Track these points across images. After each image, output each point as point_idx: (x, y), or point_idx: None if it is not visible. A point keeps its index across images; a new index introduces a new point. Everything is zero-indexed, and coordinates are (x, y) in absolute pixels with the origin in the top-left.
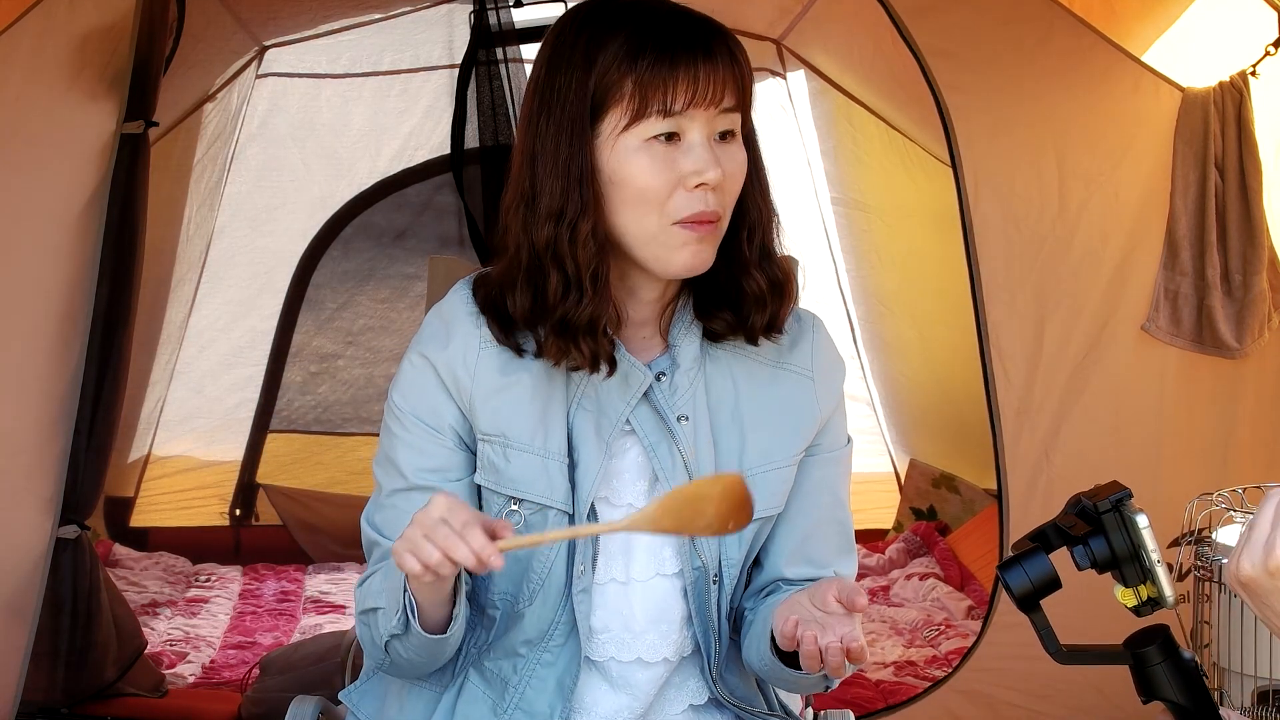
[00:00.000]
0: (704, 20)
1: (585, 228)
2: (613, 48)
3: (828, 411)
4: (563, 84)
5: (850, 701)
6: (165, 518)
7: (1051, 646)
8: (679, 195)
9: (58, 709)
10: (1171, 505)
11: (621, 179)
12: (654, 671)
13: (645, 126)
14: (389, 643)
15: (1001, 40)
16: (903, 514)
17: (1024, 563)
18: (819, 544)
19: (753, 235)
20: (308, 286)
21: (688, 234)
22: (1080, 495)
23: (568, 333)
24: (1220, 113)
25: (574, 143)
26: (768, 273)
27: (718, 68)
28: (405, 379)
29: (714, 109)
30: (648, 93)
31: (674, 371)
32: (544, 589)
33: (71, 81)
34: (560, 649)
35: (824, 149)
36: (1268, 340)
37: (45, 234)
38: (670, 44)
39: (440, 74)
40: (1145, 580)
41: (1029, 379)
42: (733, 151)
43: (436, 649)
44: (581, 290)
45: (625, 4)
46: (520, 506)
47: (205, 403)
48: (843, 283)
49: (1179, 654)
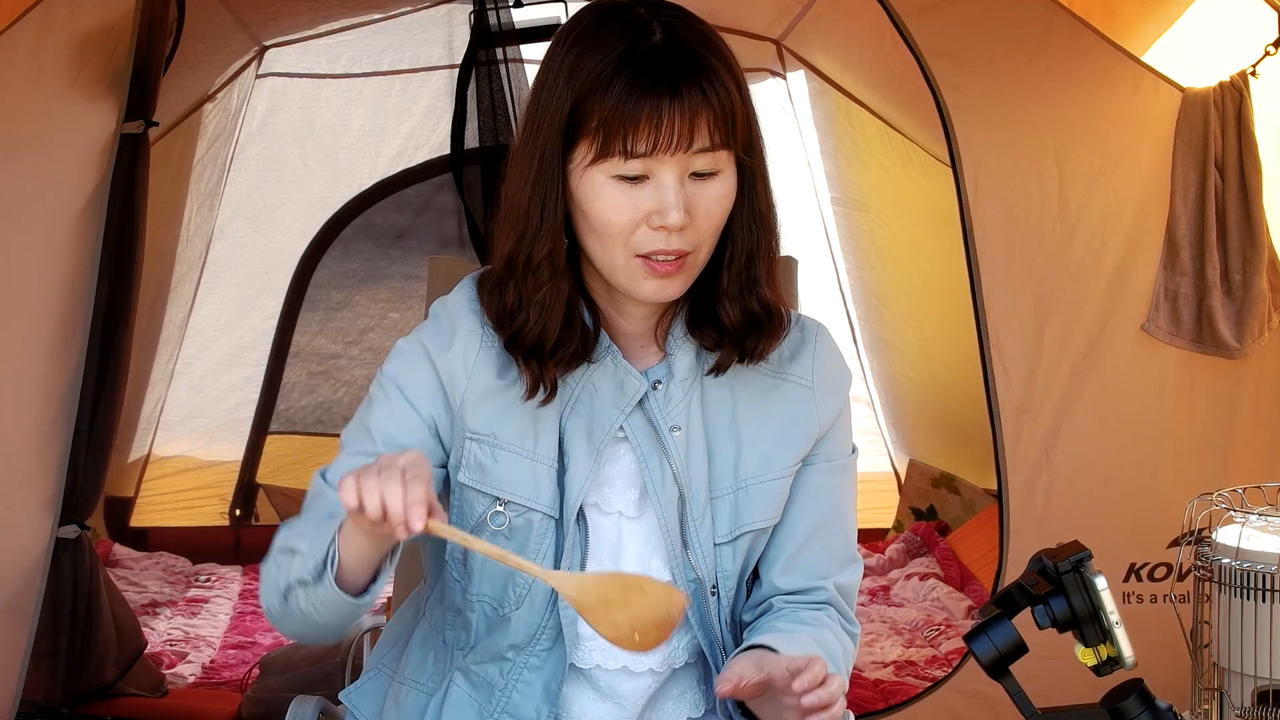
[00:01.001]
0: (686, 51)
1: (540, 252)
2: (589, 70)
3: (827, 422)
4: (546, 98)
5: (850, 701)
6: (165, 518)
7: (1027, 710)
8: (642, 231)
9: (58, 709)
10: (1171, 505)
11: (588, 210)
12: (640, 682)
13: (610, 165)
14: (292, 588)
15: (1001, 40)
16: (903, 514)
17: (989, 631)
18: (814, 555)
19: (733, 264)
20: (308, 286)
21: (650, 270)
22: (1042, 553)
23: (515, 349)
24: (1220, 113)
25: (545, 163)
26: (745, 306)
27: (685, 109)
28: (403, 358)
29: (684, 152)
30: (611, 132)
31: (669, 381)
32: (531, 594)
33: (71, 81)
34: (547, 654)
35: (824, 149)
36: (1268, 340)
37: (45, 234)
38: (639, 82)
39: (440, 74)
40: (1105, 640)
41: (1029, 379)
42: (710, 187)
43: (339, 610)
44: (528, 314)
45: (624, 20)
46: (505, 508)
47: (205, 403)
48: (843, 283)
49: (1155, 704)
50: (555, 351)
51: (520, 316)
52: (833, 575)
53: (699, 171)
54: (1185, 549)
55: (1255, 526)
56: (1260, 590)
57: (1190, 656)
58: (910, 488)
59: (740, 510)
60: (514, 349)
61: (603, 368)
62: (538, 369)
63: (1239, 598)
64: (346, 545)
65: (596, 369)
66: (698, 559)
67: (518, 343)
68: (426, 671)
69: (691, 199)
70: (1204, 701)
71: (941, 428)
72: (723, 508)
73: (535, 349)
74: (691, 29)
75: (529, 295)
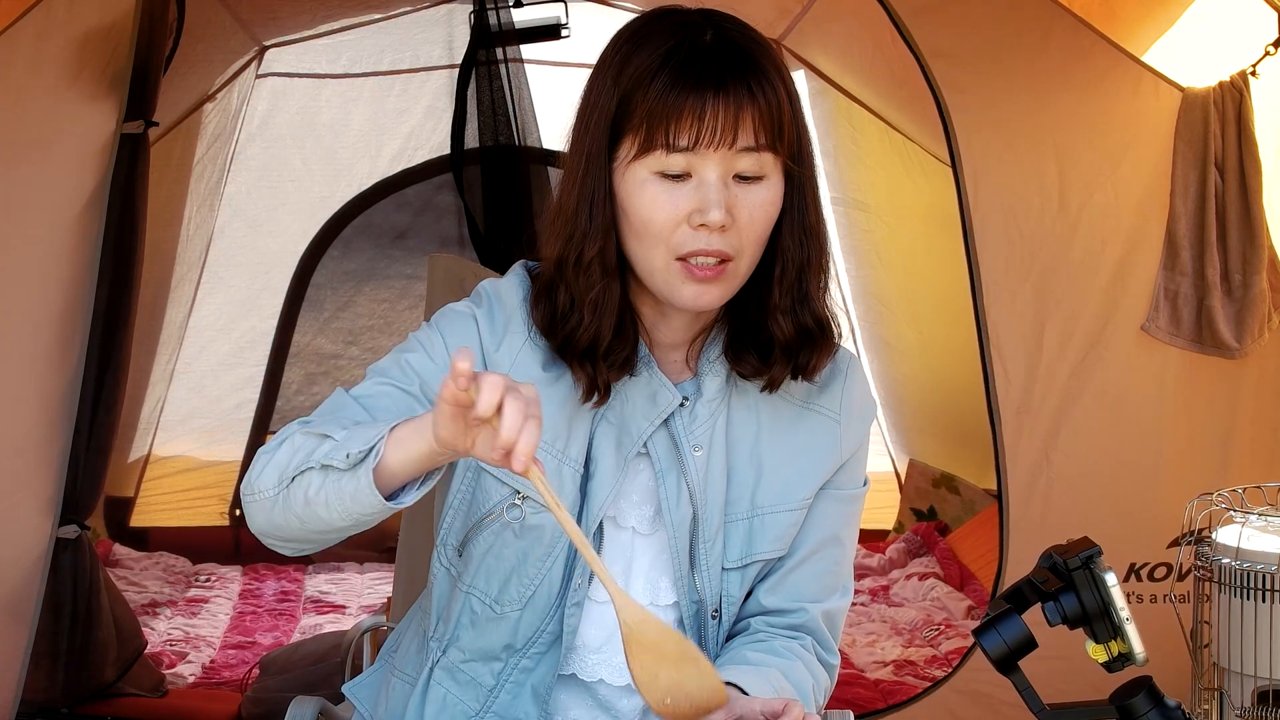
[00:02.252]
0: (736, 50)
1: (590, 251)
2: (636, 66)
3: (848, 454)
4: (594, 98)
5: (850, 701)
6: (165, 518)
7: (1035, 706)
8: (683, 230)
9: (58, 709)
10: (1171, 505)
11: (629, 208)
12: (640, 699)
13: (653, 160)
14: (307, 471)
15: (1001, 40)
16: (903, 514)
17: (998, 626)
18: (803, 578)
19: (784, 277)
20: (308, 286)
21: (688, 274)
22: (1052, 549)
23: (568, 353)
24: (1220, 113)
25: (593, 161)
26: (798, 319)
27: (731, 106)
28: (455, 318)
29: (727, 149)
30: (654, 125)
31: (696, 399)
32: (535, 596)
33: (71, 81)
34: (540, 657)
35: (824, 149)
36: (1268, 340)
37: (45, 234)
38: (684, 75)
39: (440, 74)
40: (1115, 637)
41: (1029, 379)
42: (755, 192)
43: (355, 506)
44: (581, 314)
45: (676, 20)
46: (524, 504)
47: (205, 403)
48: (843, 283)
49: (1164, 702)
50: (609, 354)
51: (574, 317)
52: (819, 601)
53: (744, 174)
54: (1185, 549)
55: (1255, 526)
56: (1260, 590)
57: (1190, 656)
58: (910, 488)
59: (754, 538)
60: (567, 353)
61: (637, 378)
62: (592, 370)
63: (1239, 598)
64: (399, 443)
65: (630, 378)
66: (703, 582)
67: (571, 345)
68: (411, 662)
69: (735, 201)
70: (1204, 701)
71: (941, 428)
72: (736, 533)
73: (589, 351)
74: (744, 33)
75: (581, 295)
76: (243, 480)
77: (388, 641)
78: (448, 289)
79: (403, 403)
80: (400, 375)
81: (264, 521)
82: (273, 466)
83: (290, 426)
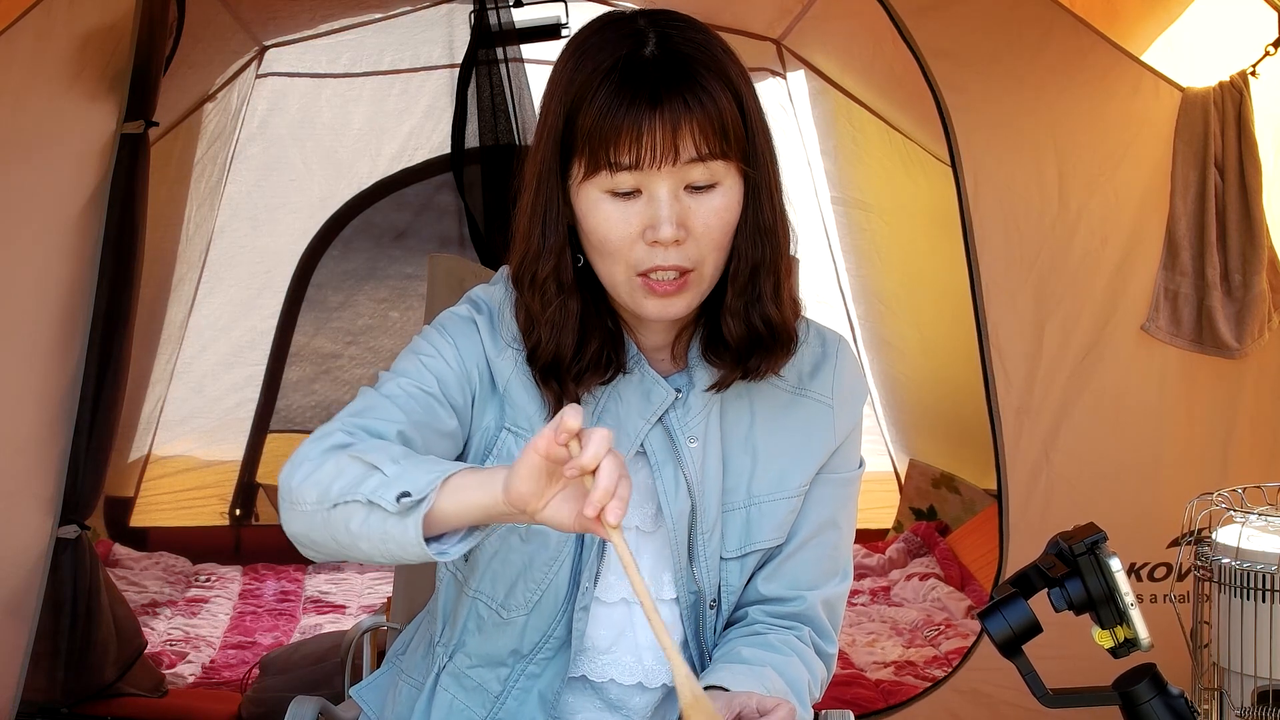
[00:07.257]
0: (676, 59)
1: (544, 271)
2: (578, 84)
3: (841, 438)
4: (544, 114)
5: (850, 701)
6: (165, 518)
7: (1037, 690)
8: (640, 247)
9: (58, 709)
10: (1171, 505)
11: (586, 227)
12: (652, 696)
13: (601, 179)
14: (351, 504)
15: (1001, 40)
16: (903, 514)
17: (1003, 609)
18: (801, 563)
19: (736, 278)
20: (308, 286)
21: (649, 289)
22: (1059, 536)
23: (533, 365)
24: (1220, 113)
25: (544, 181)
26: (748, 322)
27: (668, 122)
28: (459, 322)
29: (671, 165)
30: (595, 147)
31: (689, 391)
32: (542, 601)
33: (71, 81)
34: (548, 662)
35: (824, 149)
36: (1268, 340)
37: (45, 234)
38: (620, 95)
39: (440, 74)
40: (1121, 622)
41: (1029, 379)
42: (708, 200)
43: (397, 550)
44: (540, 332)
45: (621, 30)
46: None
47: (205, 403)
48: (843, 282)
49: (1167, 689)
50: (573, 368)
51: (534, 334)
52: (818, 587)
53: (696, 184)
54: (1185, 549)
55: (1255, 526)
56: (1260, 590)
57: (1190, 656)
58: (910, 488)
59: (752, 527)
60: (532, 365)
61: (629, 377)
62: (557, 388)
63: (1239, 598)
64: (454, 492)
65: (622, 379)
66: (701, 573)
67: (535, 359)
68: (418, 666)
69: (688, 212)
70: (1204, 701)
71: (941, 428)
72: (734, 523)
73: (552, 367)
74: (690, 40)
75: (538, 313)
76: (279, 477)
77: (395, 643)
78: (448, 289)
79: (427, 405)
80: (421, 377)
81: (301, 532)
82: (313, 483)
83: (332, 430)
